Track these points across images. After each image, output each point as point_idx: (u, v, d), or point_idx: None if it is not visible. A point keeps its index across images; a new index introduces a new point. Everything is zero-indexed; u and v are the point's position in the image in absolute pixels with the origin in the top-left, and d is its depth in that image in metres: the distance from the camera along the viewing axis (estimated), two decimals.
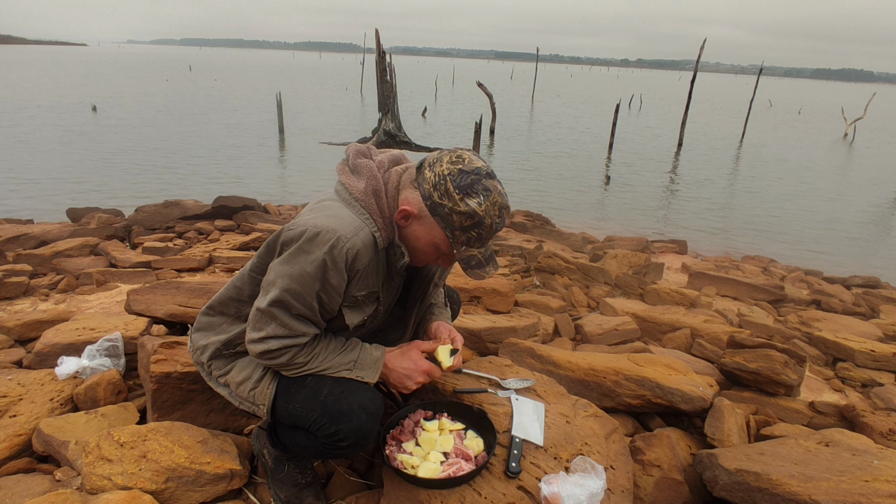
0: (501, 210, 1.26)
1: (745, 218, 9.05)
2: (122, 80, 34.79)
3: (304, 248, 1.24)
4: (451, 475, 1.38)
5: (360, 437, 1.34)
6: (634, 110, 31.87)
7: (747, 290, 4.67)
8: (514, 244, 5.52)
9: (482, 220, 1.24)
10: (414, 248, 1.35)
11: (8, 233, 4.72)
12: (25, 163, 9.95)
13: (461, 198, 1.22)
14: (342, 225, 1.26)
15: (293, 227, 1.28)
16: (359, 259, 1.28)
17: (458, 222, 1.25)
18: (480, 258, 1.32)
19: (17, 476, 1.65)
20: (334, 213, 1.28)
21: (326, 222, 1.25)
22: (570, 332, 3.28)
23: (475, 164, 1.25)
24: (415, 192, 1.28)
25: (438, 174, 1.24)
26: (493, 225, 1.26)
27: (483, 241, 1.29)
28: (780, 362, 2.45)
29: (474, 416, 1.58)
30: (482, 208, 1.23)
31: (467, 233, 1.26)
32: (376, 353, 1.43)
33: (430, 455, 1.44)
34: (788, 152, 17.55)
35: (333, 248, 1.24)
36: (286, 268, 1.27)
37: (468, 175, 1.23)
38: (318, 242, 1.23)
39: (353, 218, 1.28)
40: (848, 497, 1.43)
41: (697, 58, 16.63)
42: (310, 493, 1.57)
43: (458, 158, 1.25)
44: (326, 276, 1.26)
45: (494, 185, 1.26)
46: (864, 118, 24.74)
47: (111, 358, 2.22)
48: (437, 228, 1.28)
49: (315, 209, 1.32)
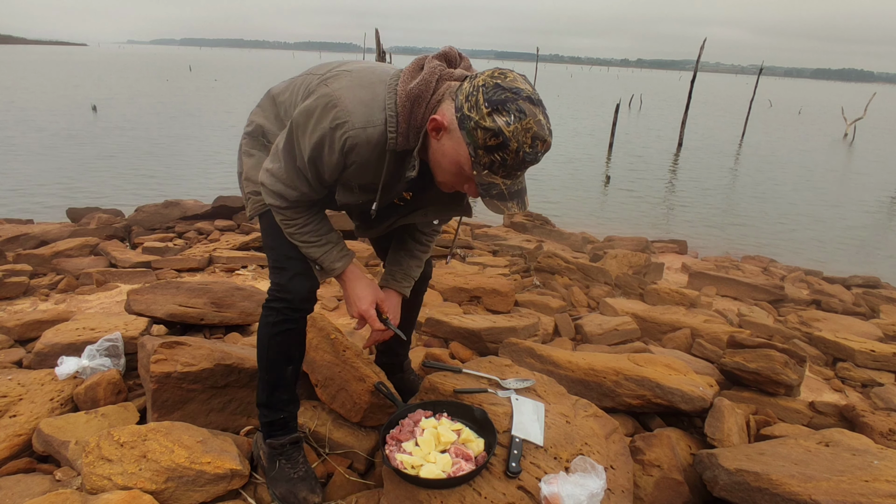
0: (535, 140, 1.14)
1: (745, 218, 9.05)
2: (122, 80, 34.79)
3: (316, 112, 1.25)
4: (451, 475, 1.38)
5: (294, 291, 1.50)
6: (634, 110, 31.86)
7: (747, 290, 4.67)
8: (514, 244, 5.52)
9: (507, 142, 1.12)
10: (439, 165, 1.27)
11: (8, 233, 4.72)
12: (25, 163, 9.95)
13: (489, 112, 1.12)
14: (361, 112, 1.23)
15: (330, 78, 1.29)
16: (356, 152, 1.26)
17: (481, 139, 1.14)
18: (503, 189, 1.20)
19: (17, 476, 1.65)
20: (365, 97, 1.25)
21: (350, 101, 1.23)
22: (570, 332, 3.28)
23: (517, 84, 1.14)
24: (451, 103, 1.20)
25: (474, 85, 1.15)
26: (521, 152, 1.14)
27: (508, 168, 1.17)
28: (780, 362, 2.45)
29: (474, 416, 1.58)
30: (510, 129, 1.12)
31: (490, 154, 1.15)
32: (337, 264, 1.50)
33: (430, 455, 1.44)
34: (788, 152, 17.55)
35: (336, 129, 1.23)
36: (300, 118, 1.29)
37: (503, 91, 1.12)
38: (329, 116, 1.24)
39: (376, 110, 1.24)
40: (848, 497, 1.43)
41: (697, 58, 16.62)
42: (304, 486, 1.57)
43: (499, 74, 1.16)
44: (322, 148, 1.27)
45: (533, 110, 1.13)
46: (864, 118, 24.72)
47: (111, 358, 2.22)
48: (463, 145, 1.18)
49: (363, 74, 1.29)
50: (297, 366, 1.66)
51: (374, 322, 1.55)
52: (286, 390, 1.64)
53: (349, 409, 1.88)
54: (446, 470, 1.40)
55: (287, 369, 1.62)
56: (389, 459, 1.43)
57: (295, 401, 1.68)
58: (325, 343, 1.96)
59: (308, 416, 1.92)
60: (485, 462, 1.42)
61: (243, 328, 2.80)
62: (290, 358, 1.62)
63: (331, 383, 1.92)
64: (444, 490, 1.39)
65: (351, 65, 1.38)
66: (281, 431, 1.65)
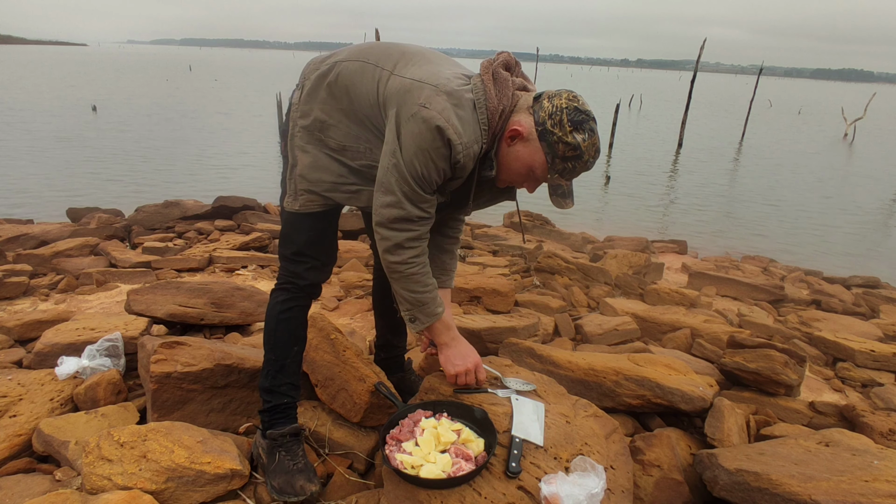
0: (597, 152, 1.40)
1: (745, 218, 9.05)
2: (122, 80, 34.78)
3: (427, 137, 1.35)
4: (451, 475, 1.38)
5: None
6: (634, 110, 31.86)
7: (747, 290, 4.67)
8: (514, 244, 5.52)
9: (582, 155, 1.37)
10: (508, 167, 1.45)
11: (8, 233, 4.72)
12: (26, 163, 9.95)
13: (571, 130, 1.35)
14: (468, 132, 1.38)
15: (426, 99, 1.36)
16: (462, 165, 1.41)
17: (562, 151, 1.36)
18: (566, 189, 1.46)
19: (17, 476, 1.65)
20: (466, 117, 1.38)
21: (457, 123, 1.35)
22: (570, 332, 3.28)
23: (587, 108, 1.39)
24: (529, 117, 1.39)
25: (557, 106, 1.36)
26: (588, 162, 1.39)
27: (573, 173, 1.41)
28: (780, 362, 2.45)
29: (474, 417, 1.58)
30: (585, 144, 1.36)
31: (565, 163, 1.38)
32: (439, 309, 1.58)
33: (430, 455, 1.44)
34: (788, 152, 17.55)
35: (454, 148, 1.36)
36: (411, 142, 1.37)
37: (581, 114, 1.36)
38: (443, 137, 1.35)
39: (475, 128, 1.39)
40: (848, 497, 1.43)
41: (697, 58, 16.62)
42: (302, 476, 1.57)
43: (574, 98, 1.38)
44: (437, 163, 1.39)
45: (596, 130, 1.39)
46: (864, 118, 24.72)
47: (111, 358, 2.22)
48: (540, 153, 1.39)
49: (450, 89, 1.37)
50: (300, 349, 1.72)
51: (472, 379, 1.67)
52: (290, 374, 1.69)
53: (349, 409, 1.88)
54: (446, 470, 1.40)
55: (292, 350, 1.69)
56: (389, 459, 1.43)
57: (296, 389, 1.72)
58: (325, 343, 1.96)
59: (308, 416, 1.92)
60: (485, 462, 1.42)
61: (243, 328, 2.81)
62: (296, 339, 1.70)
63: (331, 383, 1.92)
64: (444, 490, 1.39)
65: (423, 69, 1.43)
66: (282, 419, 1.66)
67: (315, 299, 1.74)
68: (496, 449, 1.48)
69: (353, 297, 3.71)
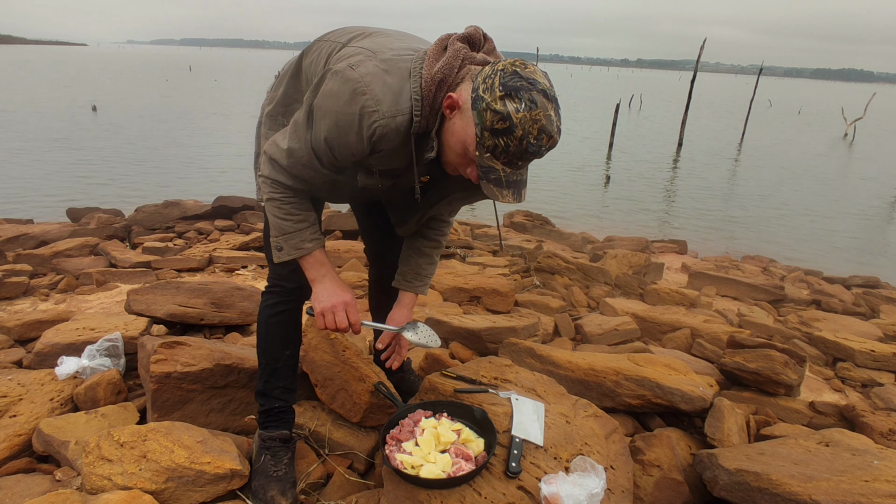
0: (541, 133, 1.14)
1: (745, 218, 9.05)
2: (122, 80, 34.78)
3: (343, 97, 1.22)
4: (451, 475, 1.38)
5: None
6: (634, 110, 31.86)
7: (747, 290, 4.67)
8: (514, 244, 5.52)
9: (513, 128, 1.12)
10: (447, 144, 1.27)
11: (8, 233, 4.72)
12: (26, 163, 9.95)
13: (502, 95, 1.12)
14: (390, 101, 1.22)
15: (356, 62, 1.24)
16: (385, 140, 1.25)
17: (489, 121, 1.14)
18: (501, 175, 1.20)
19: (17, 476, 1.65)
20: (394, 85, 1.23)
21: (380, 89, 1.21)
22: (570, 332, 3.28)
23: (535, 76, 1.15)
24: (469, 84, 1.21)
25: (494, 69, 1.16)
26: (525, 141, 1.14)
27: (510, 155, 1.17)
28: (780, 362, 2.45)
29: (474, 417, 1.58)
30: (518, 115, 1.12)
31: (495, 137, 1.15)
32: (308, 244, 1.43)
33: (430, 455, 1.44)
34: (788, 152, 17.55)
35: (365, 117, 1.22)
36: (324, 101, 1.25)
37: (520, 79, 1.13)
38: (357, 102, 1.21)
39: (404, 99, 1.23)
40: (848, 497, 1.43)
41: (697, 58, 16.62)
42: (276, 485, 1.56)
43: (521, 64, 1.17)
44: (346, 133, 1.25)
45: (545, 104, 1.14)
46: (864, 118, 24.72)
47: (111, 358, 2.22)
48: (472, 125, 1.18)
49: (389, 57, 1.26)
50: (293, 352, 1.68)
51: (342, 323, 1.47)
52: (283, 378, 1.66)
53: (349, 410, 1.88)
54: (446, 470, 1.40)
55: (284, 354, 1.65)
56: (389, 459, 1.43)
57: (291, 391, 1.70)
58: (325, 343, 1.96)
59: (308, 416, 1.92)
60: (485, 462, 1.42)
61: (243, 328, 2.80)
62: (287, 342, 1.66)
63: (331, 383, 1.92)
64: (444, 490, 1.39)
65: (374, 40, 1.34)
66: (274, 423, 1.66)
67: (306, 300, 1.61)
68: (496, 449, 1.48)
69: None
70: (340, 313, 1.46)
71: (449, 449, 1.47)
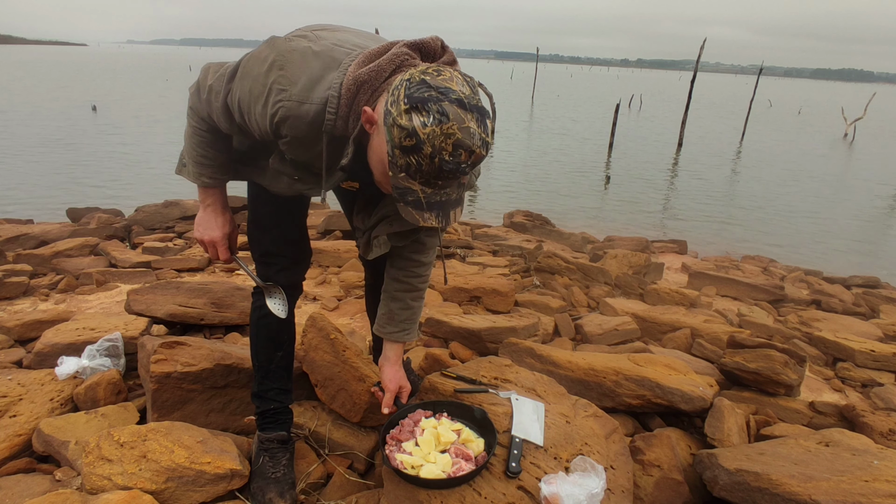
0: (457, 148, 1.01)
1: (745, 218, 9.05)
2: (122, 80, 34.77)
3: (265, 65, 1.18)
4: (451, 475, 1.38)
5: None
6: (634, 110, 31.86)
7: (747, 290, 4.67)
8: (514, 244, 5.52)
9: (421, 145, 1.00)
10: (371, 163, 1.16)
11: (8, 233, 4.72)
12: (25, 163, 9.95)
13: (406, 109, 1.00)
14: (303, 85, 1.15)
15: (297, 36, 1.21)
16: (287, 124, 1.18)
17: (397, 138, 1.03)
18: (420, 197, 1.08)
19: (17, 476, 1.65)
20: (315, 71, 1.16)
21: (298, 70, 1.15)
22: (570, 332, 3.28)
23: (448, 84, 1.02)
24: (385, 96, 1.09)
25: (402, 79, 1.04)
26: (439, 159, 1.01)
27: (425, 175, 1.05)
28: (780, 362, 2.45)
29: (474, 417, 1.58)
30: (425, 130, 0.99)
31: (406, 156, 1.03)
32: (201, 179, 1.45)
33: (430, 455, 1.44)
34: (788, 152, 17.54)
35: (272, 93, 1.16)
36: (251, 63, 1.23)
37: (428, 89, 1.01)
38: (272, 75, 1.16)
39: (320, 88, 1.15)
40: (848, 497, 1.43)
41: (697, 58, 16.62)
42: (274, 487, 1.56)
43: (434, 71, 1.05)
44: (255, 103, 1.20)
45: (461, 115, 1.01)
46: (864, 118, 24.72)
47: (111, 358, 2.22)
48: (385, 142, 1.07)
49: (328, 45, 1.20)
50: (286, 353, 1.67)
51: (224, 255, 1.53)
52: (277, 379, 1.66)
53: (349, 410, 1.88)
54: (446, 470, 1.40)
55: (276, 356, 1.64)
56: (389, 459, 1.43)
57: (286, 393, 1.69)
58: (325, 343, 1.96)
59: (308, 417, 1.92)
60: (485, 462, 1.42)
61: (243, 328, 2.80)
62: (279, 343, 1.64)
63: (330, 383, 1.92)
64: (444, 490, 1.39)
65: (329, 30, 1.29)
66: (271, 425, 1.66)
67: (295, 300, 1.63)
68: (496, 449, 1.48)
69: (353, 297, 3.71)
70: (213, 250, 1.53)
71: (449, 449, 1.47)
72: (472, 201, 9.34)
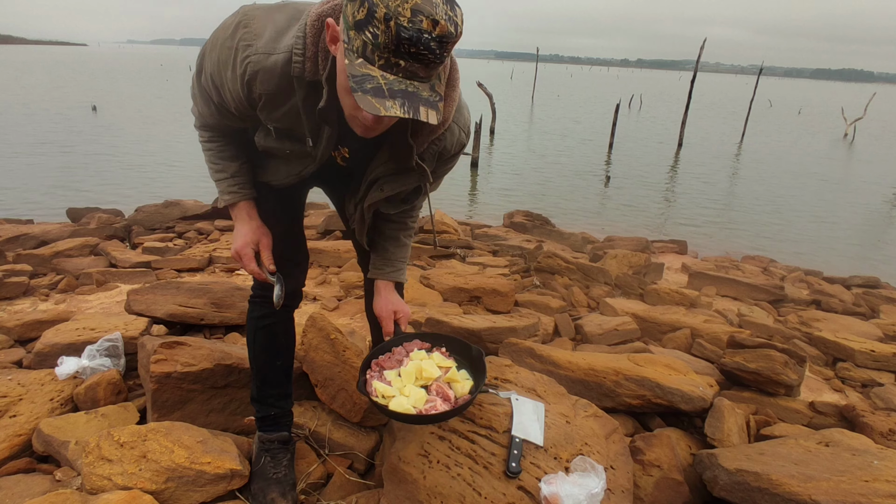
0: (416, 13, 0.89)
1: (745, 218, 9.05)
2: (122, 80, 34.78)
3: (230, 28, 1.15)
4: (422, 412, 1.31)
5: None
6: (634, 110, 31.87)
7: (747, 290, 4.67)
8: (514, 244, 5.52)
9: (374, 9, 0.89)
10: (340, 94, 1.07)
11: (8, 233, 4.72)
12: (25, 163, 9.95)
13: None
14: (269, 36, 1.11)
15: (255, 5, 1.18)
16: (258, 80, 1.13)
17: (350, 16, 0.93)
18: (382, 84, 0.94)
19: (17, 476, 1.65)
20: (281, 22, 1.12)
21: (262, 23, 1.12)
22: (570, 332, 3.28)
23: None
24: None
25: None
26: (395, 23, 0.89)
27: (383, 50, 0.92)
28: (780, 362, 2.45)
29: (471, 354, 1.52)
30: None
31: (361, 32, 0.92)
32: (225, 197, 1.42)
33: (406, 388, 1.36)
34: (788, 152, 17.55)
35: (239, 51, 1.13)
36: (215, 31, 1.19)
37: None
38: (237, 34, 1.13)
39: (287, 37, 1.10)
40: (848, 497, 1.43)
41: (697, 58, 16.62)
42: (276, 488, 1.56)
43: None
44: (225, 69, 1.17)
45: None
46: (864, 118, 24.73)
47: (111, 358, 2.22)
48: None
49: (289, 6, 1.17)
50: (285, 361, 1.66)
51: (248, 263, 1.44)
52: (276, 385, 1.65)
53: (349, 410, 1.88)
54: (418, 406, 1.32)
55: (274, 363, 1.63)
56: (367, 385, 1.36)
57: (286, 397, 1.68)
58: (325, 343, 1.96)
59: (308, 416, 1.92)
60: (463, 406, 1.34)
61: (243, 328, 2.81)
62: (276, 352, 1.63)
63: (331, 383, 1.92)
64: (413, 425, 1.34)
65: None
66: (271, 428, 1.65)
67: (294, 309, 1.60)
68: (496, 448, 1.48)
69: (353, 297, 3.71)
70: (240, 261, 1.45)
71: (431, 385, 1.39)
72: (473, 201, 9.35)
